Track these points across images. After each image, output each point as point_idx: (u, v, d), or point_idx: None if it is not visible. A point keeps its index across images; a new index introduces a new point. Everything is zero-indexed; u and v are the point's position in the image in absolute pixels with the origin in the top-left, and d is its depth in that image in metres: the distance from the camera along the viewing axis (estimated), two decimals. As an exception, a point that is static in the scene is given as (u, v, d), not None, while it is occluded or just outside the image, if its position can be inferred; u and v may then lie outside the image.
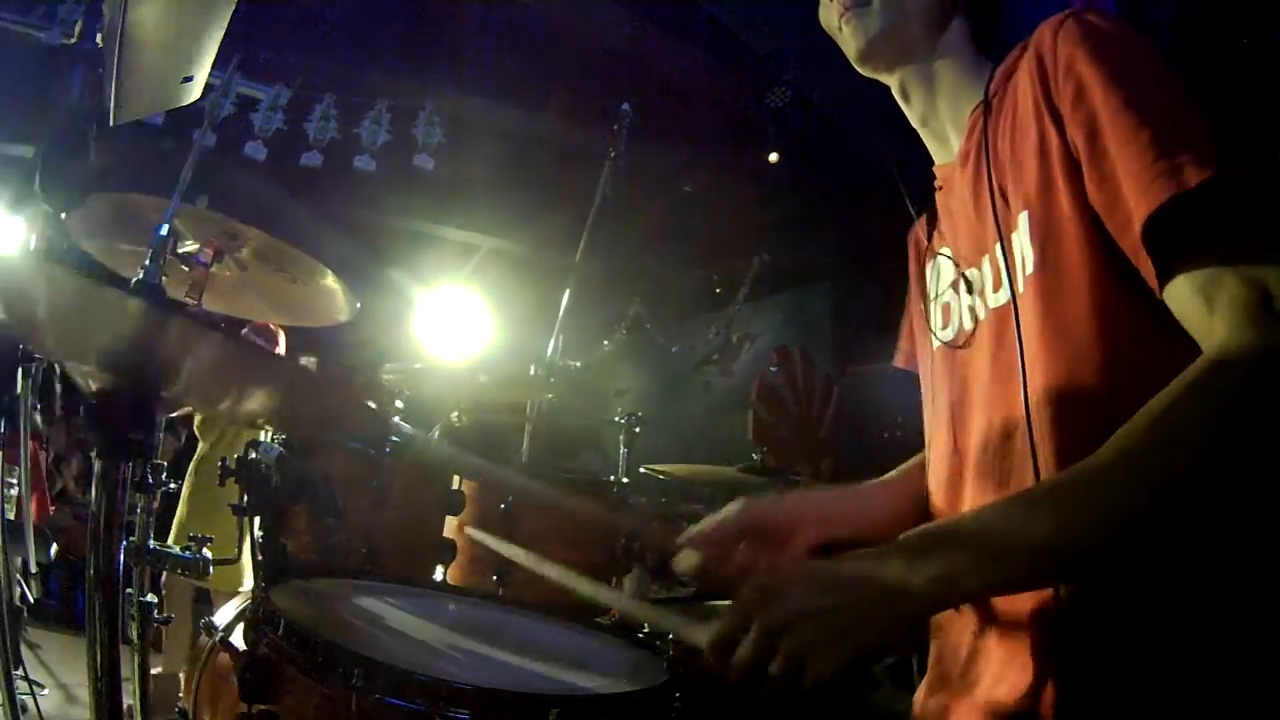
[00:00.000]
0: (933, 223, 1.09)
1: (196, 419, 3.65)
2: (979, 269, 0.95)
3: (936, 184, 1.06)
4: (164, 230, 1.12)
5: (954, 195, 1.01)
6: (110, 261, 1.74)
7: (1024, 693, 0.79)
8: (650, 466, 2.64)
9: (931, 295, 1.07)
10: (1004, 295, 0.88)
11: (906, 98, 1.05)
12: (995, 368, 0.90)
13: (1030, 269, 0.85)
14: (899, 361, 1.27)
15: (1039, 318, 0.83)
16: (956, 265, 1.01)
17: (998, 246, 0.89)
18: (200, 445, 3.59)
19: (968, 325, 0.98)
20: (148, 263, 1.08)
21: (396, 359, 2.55)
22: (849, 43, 1.01)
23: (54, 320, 0.90)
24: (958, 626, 0.91)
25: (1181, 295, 0.73)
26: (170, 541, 2.23)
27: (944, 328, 1.03)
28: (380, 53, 4.81)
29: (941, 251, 1.05)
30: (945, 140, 1.03)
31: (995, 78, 0.93)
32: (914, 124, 1.07)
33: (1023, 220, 0.86)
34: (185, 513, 3.35)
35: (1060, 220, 0.82)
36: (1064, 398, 0.81)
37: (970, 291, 0.98)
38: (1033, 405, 0.82)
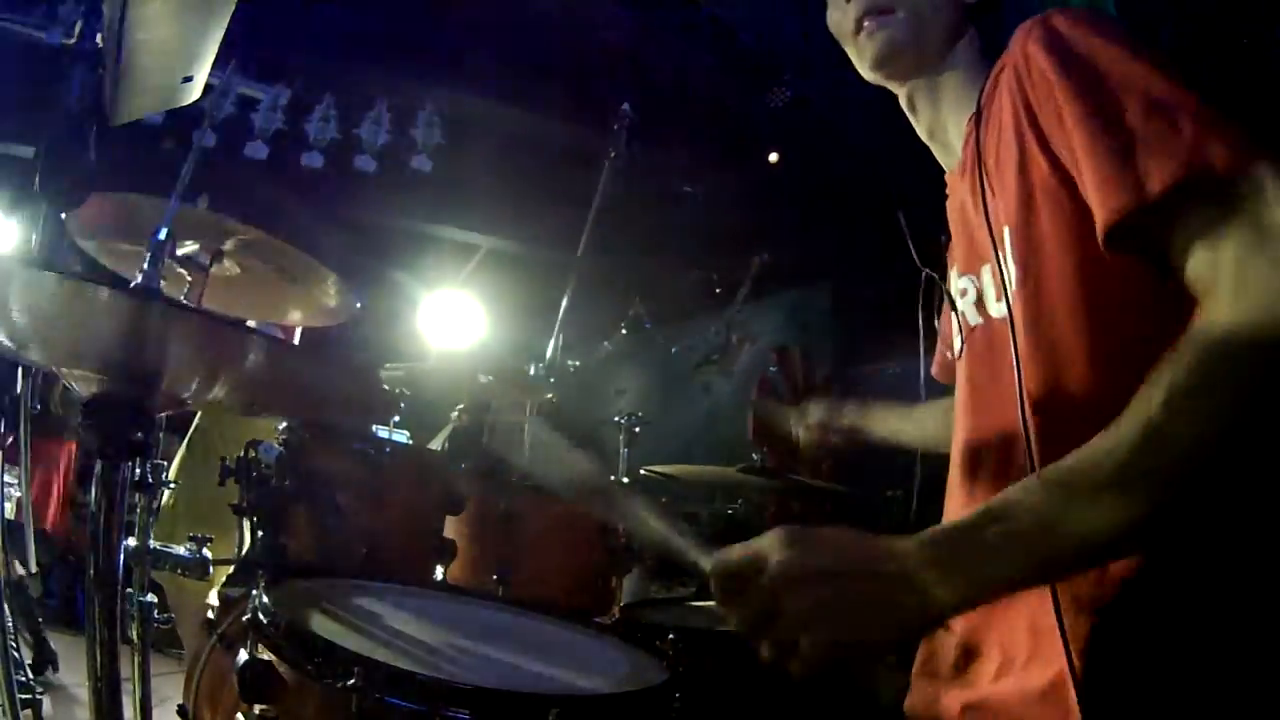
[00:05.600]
0: (949, 232, 1.10)
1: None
2: (978, 278, 0.95)
3: (947, 193, 1.07)
4: (162, 234, 1.11)
5: (956, 205, 1.01)
6: (110, 262, 1.74)
7: (1024, 690, 0.79)
8: (650, 466, 2.64)
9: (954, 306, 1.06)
10: (1004, 306, 0.88)
11: (914, 109, 1.06)
12: (989, 378, 0.90)
13: (1013, 284, 0.85)
14: (935, 373, 1.27)
15: (1025, 330, 0.84)
16: (958, 274, 1.01)
17: (995, 257, 0.89)
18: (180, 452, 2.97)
19: (961, 337, 0.99)
20: (146, 266, 1.07)
21: (397, 359, 2.54)
22: (865, 48, 1.00)
23: (53, 328, 0.90)
24: (955, 622, 0.91)
25: (1195, 277, 0.70)
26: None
27: (956, 338, 1.03)
28: (380, 53, 4.81)
29: (955, 261, 1.05)
30: (951, 150, 1.03)
31: (987, 85, 0.92)
32: (922, 136, 1.07)
33: (1006, 234, 0.86)
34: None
35: (1040, 237, 0.82)
36: (1052, 412, 0.81)
37: (966, 300, 0.98)
38: (1028, 416, 0.82)
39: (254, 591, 0.99)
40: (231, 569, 1.54)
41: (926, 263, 1.11)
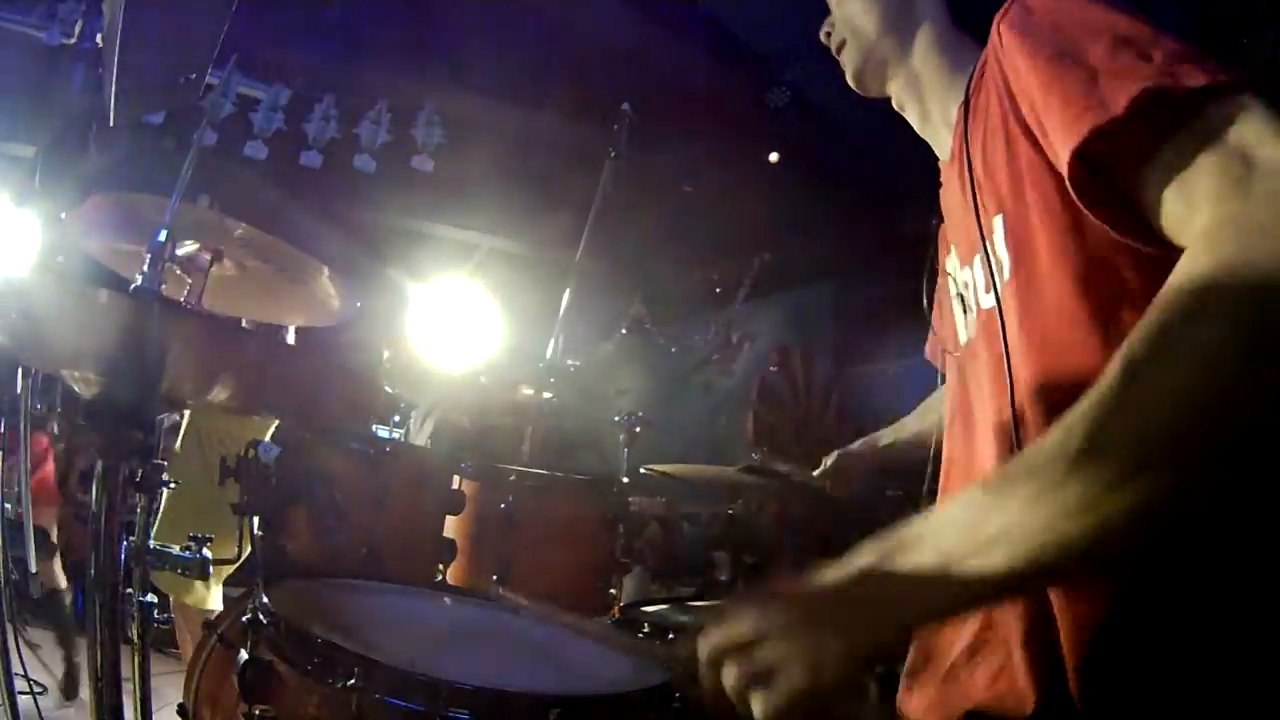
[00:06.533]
0: (940, 216, 1.10)
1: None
2: (971, 269, 0.95)
3: (940, 180, 1.07)
4: (162, 236, 1.12)
5: (950, 194, 1.01)
6: (111, 262, 1.74)
7: (1020, 694, 0.79)
8: (650, 466, 2.64)
9: (952, 294, 1.06)
10: (992, 298, 0.87)
11: (903, 108, 1.09)
12: (987, 372, 0.89)
13: (1007, 274, 0.84)
14: (928, 354, 1.30)
15: (1017, 322, 0.83)
16: (958, 266, 1.01)
17: (983, 248, 0.88)
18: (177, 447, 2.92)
19: (966, 329, 0.98)
20: (146, 267, 1.08)
21: (396, 360, 2.54)
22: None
23: (56, 331, 0.90)
24: (951, 627, 0.91)
25: (1169, 217, 0.65)
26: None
27: (953, 332, 1.03)
28: (380, 53, 4.81)
29: (951, 251, 1.05)
30: (943, 139, 1.04)
31: (975, 72, 0.92)
32: (918, 130, 1.09)
33: (998, 224, 0.86)
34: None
35: (1030, 225, 0.81)
36: (1047, 402, 0.79)
37: (965, 294, 0.97)
38: (1019, 410, 0.81)
39: (254, 591, 0.99)
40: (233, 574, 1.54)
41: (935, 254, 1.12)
